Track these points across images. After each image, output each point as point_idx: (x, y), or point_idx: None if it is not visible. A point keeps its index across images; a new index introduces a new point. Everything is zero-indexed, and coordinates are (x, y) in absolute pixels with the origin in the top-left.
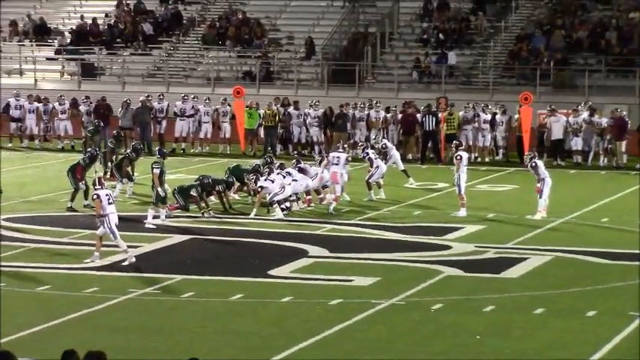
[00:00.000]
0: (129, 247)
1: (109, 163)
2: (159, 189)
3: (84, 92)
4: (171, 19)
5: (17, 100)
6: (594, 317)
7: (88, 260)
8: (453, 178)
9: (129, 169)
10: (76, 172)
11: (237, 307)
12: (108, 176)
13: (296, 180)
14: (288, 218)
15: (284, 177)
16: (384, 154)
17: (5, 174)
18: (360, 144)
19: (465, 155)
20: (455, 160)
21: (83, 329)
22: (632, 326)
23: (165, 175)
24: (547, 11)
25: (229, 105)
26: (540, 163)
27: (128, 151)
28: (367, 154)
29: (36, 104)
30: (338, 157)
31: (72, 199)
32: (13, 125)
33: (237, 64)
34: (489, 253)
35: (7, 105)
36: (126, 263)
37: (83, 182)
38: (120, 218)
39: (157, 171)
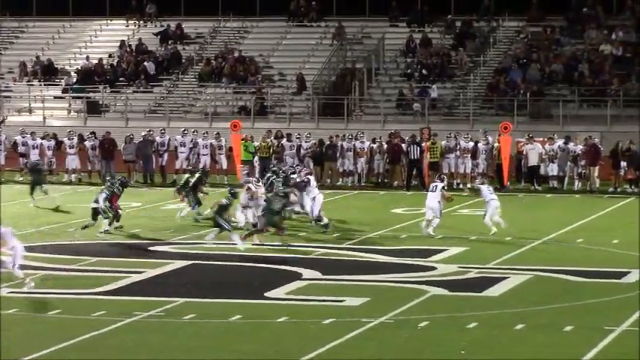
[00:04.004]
0: (135, 272)
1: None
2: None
3: (90, 128)
4: (170, 58)
5: (23, 137)
6: (572, 332)
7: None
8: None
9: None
10: (113, 201)
11: (236, 328)
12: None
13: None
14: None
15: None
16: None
17: (19, 205)
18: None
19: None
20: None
21: (93, 350)
22: (608, 340)
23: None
24: (523, 46)
25: (222, 139)
26: (484, 188)
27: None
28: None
29: (39, 140)
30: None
31: (110, 224)
32: (21, 160)
33: (233, 100)
34: (472, 273)
35: (15, 142)
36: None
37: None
38: (127, 245)
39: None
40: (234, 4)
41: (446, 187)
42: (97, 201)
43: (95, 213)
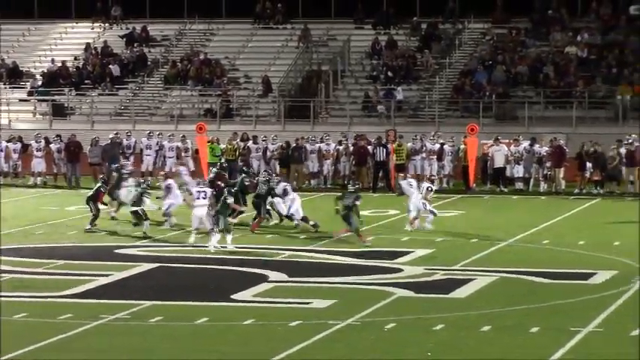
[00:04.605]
0: (102, 275)
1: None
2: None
3: (55, 131)
4: (136, 61)
5: None
6: (538, 333)
7: None
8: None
9: None
10: (98, 199)
11: (203, 330)
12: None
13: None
14: (250, 245)
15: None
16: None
17: None
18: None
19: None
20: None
21: (59, 353)
22: (574, 341)
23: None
24: (488, 48)
25: (188, 141)
26: (404, 183)
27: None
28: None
29: (4, 143)
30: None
31: (92, 224)
32: None
33: (198, 102)
34: (438, 274)
35: None
36: None
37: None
38: (94, 248)
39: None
40: (200, 7)
41: (432, 189)
42: (137, 204)
43: (137, 215)
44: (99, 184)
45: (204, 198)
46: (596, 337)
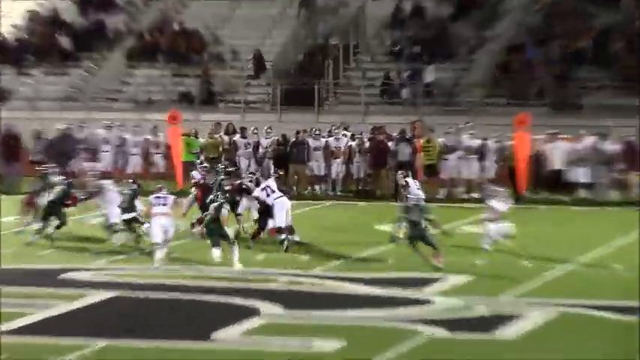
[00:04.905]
0: (44, 306)
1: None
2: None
3: None
4: (93, 31)
5: None
6: None
7: None
8: None
9: None
10: (66, 204)
11: None
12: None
13: None
14: (236, 269)
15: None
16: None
17: None
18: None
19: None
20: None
21: None
22: None
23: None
24: (542, 17)
25: (160, 134)
26: (412, 182)
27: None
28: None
29: None
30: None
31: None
32: None
33: (171, 84)
34: (479, 308)
35: None
36: None
37: None
38: (33, 271)
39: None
40: None
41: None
42: (129, 209)
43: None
44: (63, 187)
45: (164, 205)
46: None
